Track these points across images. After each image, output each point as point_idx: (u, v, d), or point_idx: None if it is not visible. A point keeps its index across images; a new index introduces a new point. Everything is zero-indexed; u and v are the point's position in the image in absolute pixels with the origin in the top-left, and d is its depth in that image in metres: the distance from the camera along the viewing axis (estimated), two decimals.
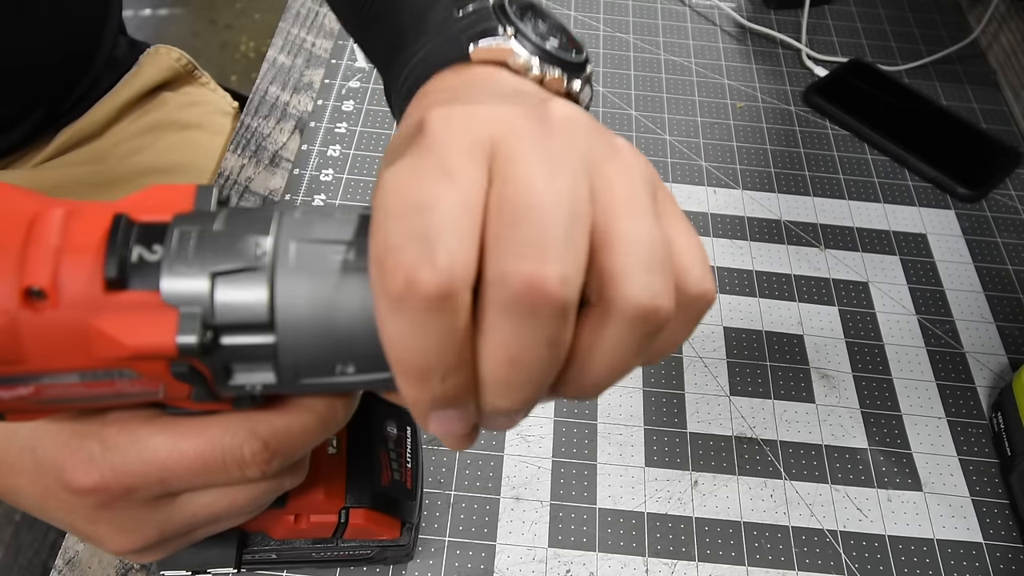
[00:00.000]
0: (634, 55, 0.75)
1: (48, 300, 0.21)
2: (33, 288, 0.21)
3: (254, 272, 0.22)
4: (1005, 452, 0.50)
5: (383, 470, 0.39)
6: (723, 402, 0.52)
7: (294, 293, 0.22)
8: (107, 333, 0.21)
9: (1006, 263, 0.61)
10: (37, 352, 0.22)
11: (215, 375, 0.23)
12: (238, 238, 0.22)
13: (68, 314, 0.21)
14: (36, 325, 0.21)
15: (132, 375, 0.23)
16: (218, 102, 0.76)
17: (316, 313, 0.22)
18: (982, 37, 0.79)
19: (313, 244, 0.22)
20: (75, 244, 0.22)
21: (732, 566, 0.46)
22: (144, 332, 0.21)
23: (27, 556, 1.18)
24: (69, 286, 0.21)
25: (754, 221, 0.63)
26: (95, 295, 0.21)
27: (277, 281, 0.22)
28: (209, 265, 0.22)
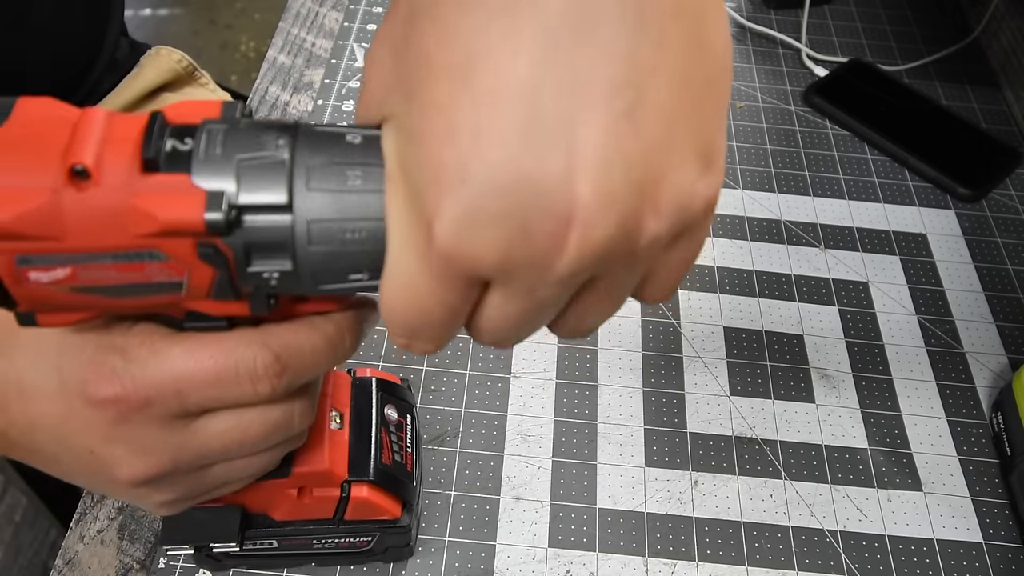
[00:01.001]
0: None
1: (91, 179, 0.23)
2: (77, 167, 0.23)
3: (275, 160, 0.24)
4: (1005, 452, 0.50)
5: (384, 449, 0.40)
6: (723, 402, 0.52)
7: (311, 173, 0.24)
8: (142, 208, 0.23)
9: (1006, 263, 0.61)
10: (77, 230, 0.23)
11: (236, 260, 0.24)
12: (261, 134, 0.24)
13: (108, 193, 0.23)
14: (78, 202, 0.23)
15: (161, 257, 0.24)
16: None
17: (333, 202, 0.24)
18: (982, 37, 0.79)
19: (330, 136, 0.25)
20: (117, 135, 0.24)
21: (732, 566, 0.46)
22: (176, 207, 0.23)
23: (27, 556, 1.18)
24: (110, 167, 0.23)
25: (754, 221, 0.63)
26: (133, 176, 0.23)
27: (296, 168, 0.24)
28: (233, 150, 0.24)
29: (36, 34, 0.61)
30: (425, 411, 0.50)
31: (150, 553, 0.44)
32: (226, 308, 0.26)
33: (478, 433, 0.50)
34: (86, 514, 0.46)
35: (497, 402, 0.51)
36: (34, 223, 0.23)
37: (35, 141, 0.23)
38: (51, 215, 0.23)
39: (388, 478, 0.40)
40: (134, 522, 0.46)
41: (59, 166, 0.23)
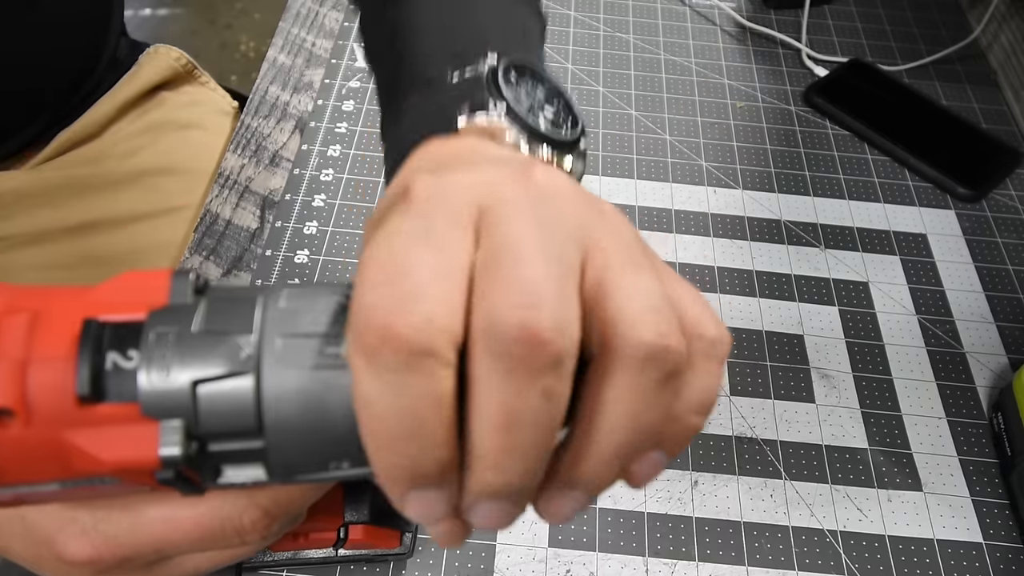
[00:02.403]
0: (634, 55, 0.75)
1: (17, 418, 0.20)
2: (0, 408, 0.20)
3: (238, 376, 0.21)
4: (1005, 452, 0.50)
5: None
6: (723, 402, 0.52)
7: (282, 396, 0.21)
8: (84, 449, 0.20)
9: (1006, 263, 0.61)
10: (12, 467, 0.21)
11: (203, 477, 0.22)
12: (219, 338, 0.21)
13: (41, 431, 0.20)
14: (7, 442, 0.20)
15: (115, 481, 0.22)
16: (218, 101, 0.76)
17: (306, 414, 0.21)
18: (982, 37, 0.79)
19: (299, 339, 0.21)
20: (43, 355, 0.20)
21: (732, 566, 0.46)
22: (124, 447, 0.20)
23: None
24: (39, 402, 0.20)
25: (754, 221, 0.63)
26: (68, 409, 0.20)
27: (263, 384, 0.21)
28: (190, 370, 0.20)
29: (38, 34, 0.61)
30: None
31: None
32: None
33: None
34: None
35: None
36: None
37: None
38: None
39: (385, 515, 0.39)
40: None
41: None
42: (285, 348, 0.21)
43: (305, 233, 0.58)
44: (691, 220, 0.62)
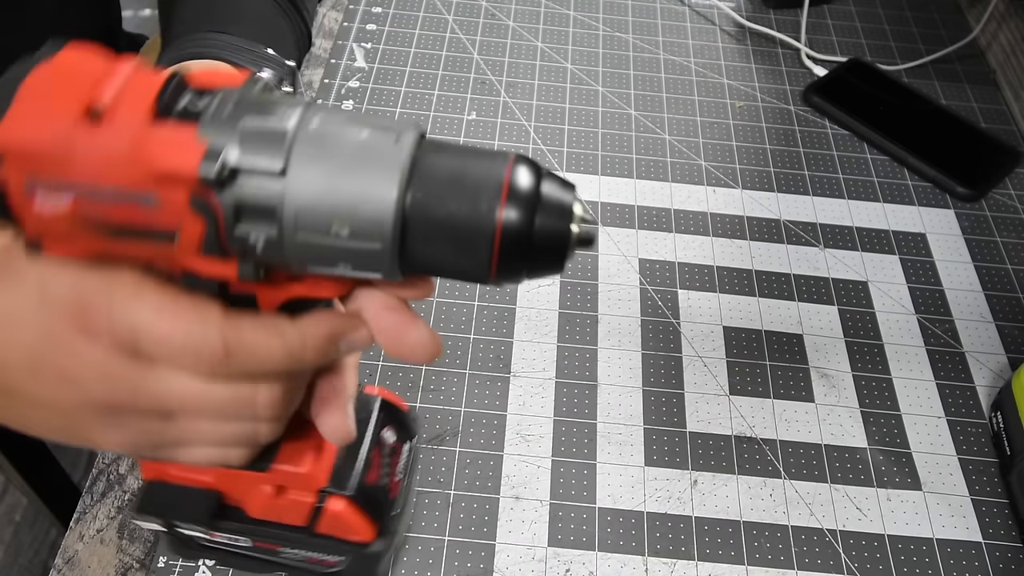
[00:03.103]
0: (634, 55, 0.75)
1: (104, 119, 0.25)
2: (94, 107, 0.25)
3: (277, 130, 0.25)
4: (1005, 452, 0.50)
5: (372, 468, 0.39)
6: (723, 402, 0.52)
7: (307, 153, 0.25)
8: (145, 152, 0.25)
9: (1006, 263, 0.61)
10: (84, 164, 0.25)
11: (226, 218, 0.26)
12: (271, 105, 0.26)
13: (117, 134, 0.25)
14: (89, 138, 0.25)
15: (155, 203, 0.26)
16: None
17: (323, 173, 0.25)
18: (982, 37, 0.79)
19: (334, 122, 0.26)
20: (138, 85, 0.26)
21: (732, 565, 0.46)
22: (174, 156, 0.25)
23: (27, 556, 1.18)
24: (124, 112, 0.25)
25: (754, 221, 0.63)
26: (144, 123, 0.25)
27: (296, 143, 0.25)
28: (241, 117, 0.26)
29: (38, 31, 0.61)
30: (425, 410, 0.50)
31: (150, 552, 0.44)
32: (216, 269, 0.28)
33: (477, 432, 0.50)
34: (86, 513, 0.46)
35: (497, 401, 0.51)
36: (46, 149, 0.25)
37: (65, 81, 0.26)
38: (62, 145, 0.25)
39: (368, 498, 0.39)
40: (134, 521, 0.46)
41: (78, 104, 0.25)
42: (321, 123, 0.26)
43: None
44: (691, 220, 0.62)
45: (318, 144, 0.26)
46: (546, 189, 0.27)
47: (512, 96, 0.70)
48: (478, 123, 0.67)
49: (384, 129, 0.26)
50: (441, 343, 0.31)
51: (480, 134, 0.67)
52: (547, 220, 0.26)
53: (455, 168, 0.26)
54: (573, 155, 0.66)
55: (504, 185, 0.26)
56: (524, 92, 0.70)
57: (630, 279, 0.58)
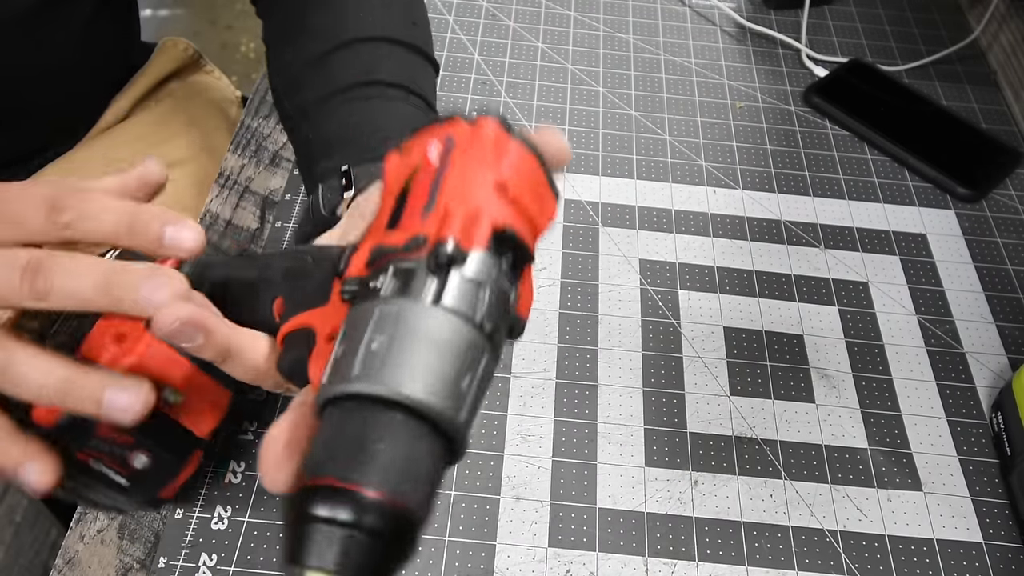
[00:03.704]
0: (634, 55, 0.75)
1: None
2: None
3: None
4: (1005, 452, 0.50)
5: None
6: (723, 402, 0.52)
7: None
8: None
9: (1006, 263, 0.61)
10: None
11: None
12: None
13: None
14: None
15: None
16: (223, 90, 0.78)
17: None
18: (982, 37, 0.79)
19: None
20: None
21: (732, 566, 0.46)
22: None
23: (27, 556, 1.18)
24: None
25: (754, 221, 0.63)
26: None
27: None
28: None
29: (67, 47, 0.63)
30: None
31: (150, 553, 0.45)
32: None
33: (478, 433, 0.50)
34: (86, 514, 0.46)
35: (497, 402, 0.51)
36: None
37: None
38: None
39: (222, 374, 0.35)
40: (134, 522, 0.46)
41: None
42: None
43: None
44: (691, 220, 0.62)
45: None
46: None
47: (513, 97, 0.70)
48: None
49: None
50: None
51: None
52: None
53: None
54: (573, 155, 0.66)
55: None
56: (525, 93, 0.70)
57: (630, 279, 0.58)
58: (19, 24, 0.56)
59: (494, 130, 0.30)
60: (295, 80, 0.51)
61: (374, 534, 0.23)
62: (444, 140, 0.31)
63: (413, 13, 0.55)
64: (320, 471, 0.24)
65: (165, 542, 0.44)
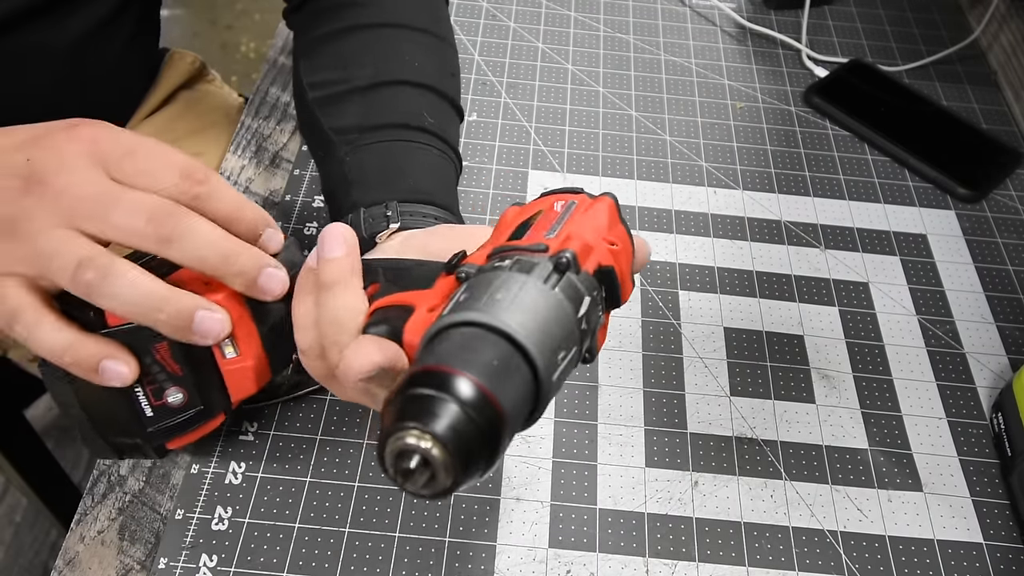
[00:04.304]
0: (634, 55, 0.75)
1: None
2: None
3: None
4: (1005, 452, 0.50)
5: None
6: (723, 402, 0.52)
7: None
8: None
9: (1006, 263, 0.61)
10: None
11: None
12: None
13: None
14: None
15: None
16: (225, 97, 0.79)
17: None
18: (982, 37, 0.79)
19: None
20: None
21: (732, 566, 0.46)
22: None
23: (27, 557, 1.18)
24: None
25: (754, 221, 0.63)
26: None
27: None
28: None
29: (112, 67, 0.66)
30: None
31: (150, 554, 0.45)
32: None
33: None
34: (86, 515, 0.46)
35: None
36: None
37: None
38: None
39: (277, 334, 0.40)
40: (134, 523, 0.46)
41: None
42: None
43: (305, 234, 0.59)
44: (691, 220, 0.62)
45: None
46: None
47: (513, 97, 0.70)
48: (479, 124, 0.67)
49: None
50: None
51: (481, 135, 0.67)
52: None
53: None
54: (574, 156, 0.66)
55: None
56: (525, 93, 0.70)
57: None
58: (67, 52, 0.60)
59: (611, 206, 0.36)
60: (339, 100, 0.54)
61: (471, 414, 0.27)
62: (568, 201, 0.36)
63: (451, 64, 0.59)
64: (429, 361, 0.28)
65: (165, 543, 0.44)
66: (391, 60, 0.55)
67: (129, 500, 0.46)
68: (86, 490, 0.47)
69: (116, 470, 0.47)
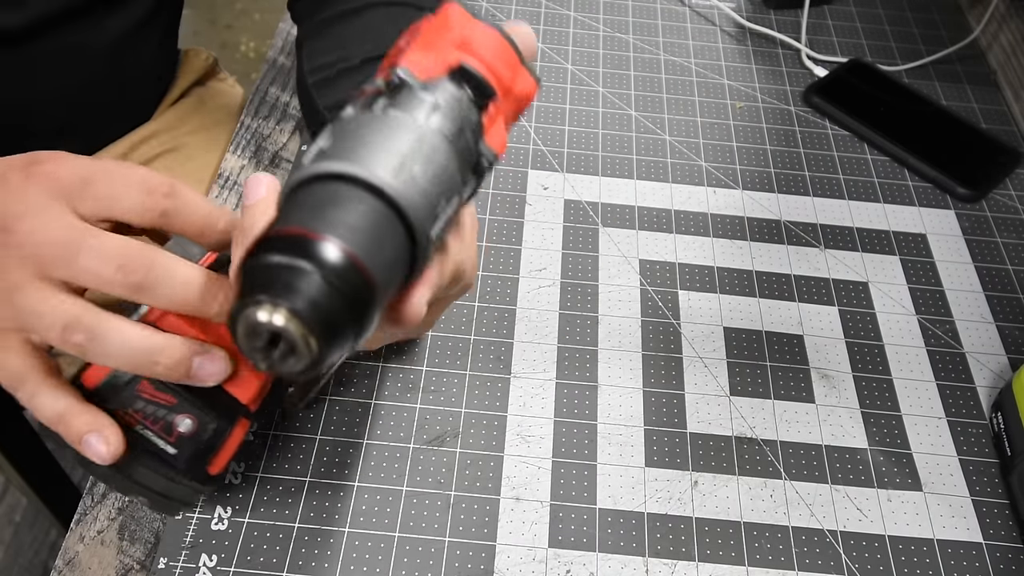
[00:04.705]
0: (634, 55, 0.75)
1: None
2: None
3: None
4: (1005, 452, 0.50)
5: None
6: (723, 402, 0.52)
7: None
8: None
9: (1006, 263, 0.61)
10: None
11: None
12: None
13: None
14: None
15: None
16: (235, 96, 0.81)
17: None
18: (982, 37, 0.79)
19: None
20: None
21: (732, 566, 0.46)
22: None
23: (27, 556, 1.18)
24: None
25: (754, 221, 0.63)
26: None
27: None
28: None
29: (146, 67, 0.69)
30: (425, 411, 0.50)
31: (150, 554, 0.45)
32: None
33: (478, 433, 0.50)
34: (86, 514, 0.46)
35: (497, 402, 0.51)
36: None
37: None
38: None
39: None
40: (134, 523, 0.46)
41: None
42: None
43: None
44: (691, 220, 0.62)
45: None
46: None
47: None
48: None
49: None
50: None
51: None
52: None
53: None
54: (573, 156, 0.66)
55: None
56: None
57: (630, 280, 0.58)
58: (106, 52, 0.61)
59: (456, 11, 0.33)
60: (336, 79, 0.54)
61: (333, 283, 0.23)
62: (411, 30, 0.34)
63: None
64: (285, 223, 0.25)
65: (165, 543, 0.44)
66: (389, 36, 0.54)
67: (129, 500, 0.46)
68: (86, 490, 0.47)
69: None
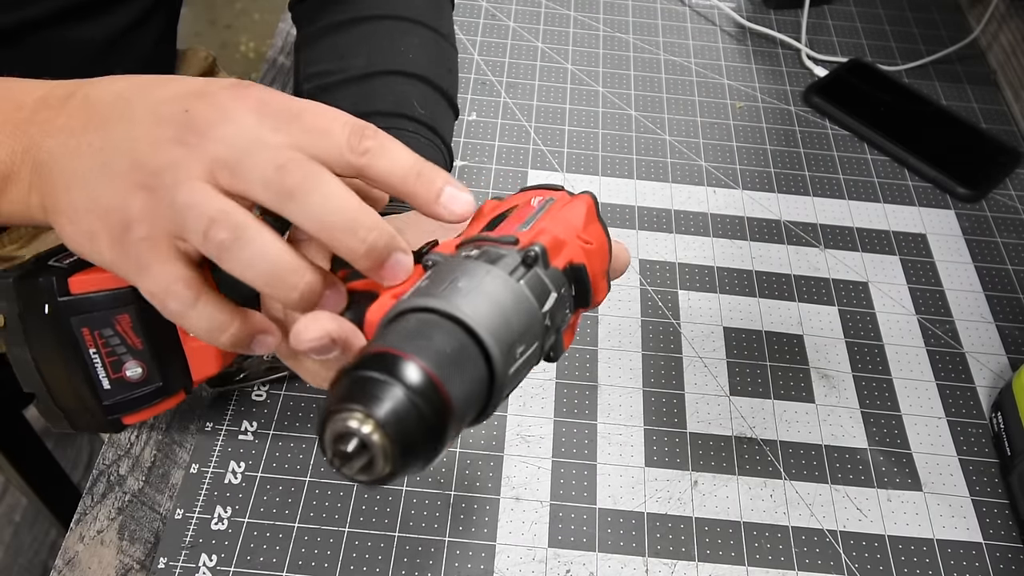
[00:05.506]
0: (634, 55, 0.75)
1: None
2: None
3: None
4: (1005, 452, 0.50)
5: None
6: (723, 402, 0.52)
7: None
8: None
9: (1006, 263, 0.61)
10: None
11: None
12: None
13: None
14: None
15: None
16: None
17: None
18: (982, 37, 0.79)
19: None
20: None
21: (732, 566, 0.46)
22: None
23: (27, 556, 1.18)
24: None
25: (754, 221, 0.63)
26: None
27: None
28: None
29: (143, 66, 0.66)
30: None
31: (150, 553, 0.45)
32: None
33: (478, 433, 0.50)
34: (86, 514, 0.46)
35: None
36: None
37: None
38: None
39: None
40: (134, 522, 0.46)
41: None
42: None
43: None
44: (691, 220, 0.62)
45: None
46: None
47: (512, 97, 0.70)
48: (478, 124, 0.67)
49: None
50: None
51: (480, 135, 0.67)
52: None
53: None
54: (573, 156, 0.66)
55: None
56: (524, 93, 0.70)
57: (630, 280, 0.58)
58: (102, 49, 0.60)
59: (588, 204, 0.35)
60: (333, 90, 0.54)
61: (416, 401, 0.26)
62: (546, 197, 0.36)
63: (449, 60, 0.59)
64: (381, 344, 0.27)
65: (165, 543, 0.44)
66: (386, 51, 0.55)
67: (129, 500, 0.46)
68: (85, 490, 0.47)
69: (115, 470, 0.47)
